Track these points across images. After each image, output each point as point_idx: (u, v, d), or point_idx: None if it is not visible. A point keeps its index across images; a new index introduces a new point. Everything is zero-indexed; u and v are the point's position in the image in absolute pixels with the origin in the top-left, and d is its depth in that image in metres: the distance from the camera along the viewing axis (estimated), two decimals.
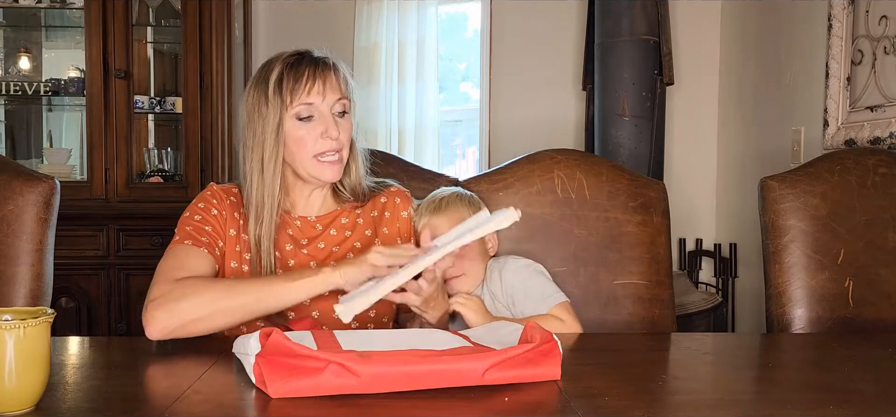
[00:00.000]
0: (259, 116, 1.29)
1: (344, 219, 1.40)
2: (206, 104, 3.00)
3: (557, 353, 0.98)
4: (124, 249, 2.93)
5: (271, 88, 1.27)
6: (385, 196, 1.44)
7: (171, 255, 1.25)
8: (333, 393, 0.88)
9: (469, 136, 3.73)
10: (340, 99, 1.30)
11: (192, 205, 1.35)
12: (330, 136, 1.28)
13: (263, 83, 1.29)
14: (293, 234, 1.36)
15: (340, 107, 1.31)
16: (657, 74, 2.97)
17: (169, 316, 1.14)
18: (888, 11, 2.16)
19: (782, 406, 0.92)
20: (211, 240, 1.29)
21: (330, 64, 1.31)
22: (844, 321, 1.50)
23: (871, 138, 2.17)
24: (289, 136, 1.29)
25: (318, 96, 1.28)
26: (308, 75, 1.28)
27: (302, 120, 1.28)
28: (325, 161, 1.30)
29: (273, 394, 0.87)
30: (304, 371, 0.88)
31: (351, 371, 0.87)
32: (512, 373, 0.93)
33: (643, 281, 1.57)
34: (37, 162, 3.25)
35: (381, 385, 0.89)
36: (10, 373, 0.82)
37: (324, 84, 1.28)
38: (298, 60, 1.29)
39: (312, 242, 1.37)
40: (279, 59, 1.30)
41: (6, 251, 1.37)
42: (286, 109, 1.27)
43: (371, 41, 3.41)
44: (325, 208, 1.40)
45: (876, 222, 1.55)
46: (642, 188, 1.62)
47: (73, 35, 3.23)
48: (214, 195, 1.36)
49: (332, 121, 1.29)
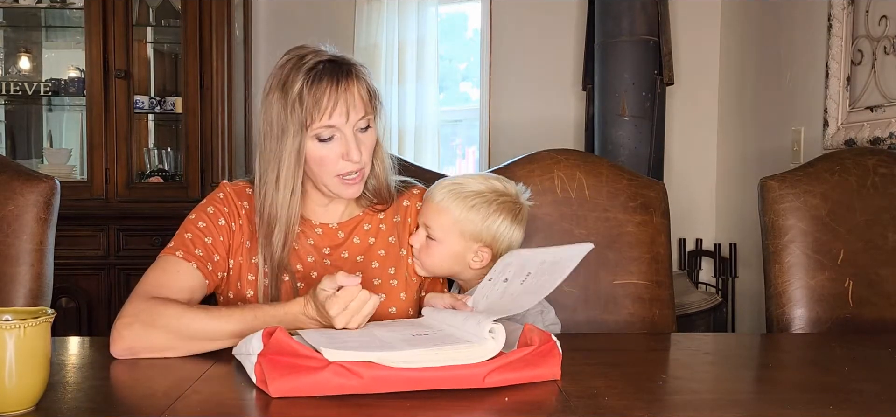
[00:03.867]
0: (279, 129, 1.21)
1: (367, 225, 1.35)
2: (206, 104, 3.00)
3: (557, 353, 0.98)
4: (124, 249, 2.93)
5: (291, 104, 1.19)
6: (407, 199, 1.39)
7: (159, 266, 1.22)
8: (334, 393, 0.88)
9: (469, 136, 3.73)
10: (364, 116, 1.23)
11: (200, 208, 1.29)
12: (351, 160, 1.22)
13: (283, 95, 1.21)
14: (315, 243, 1.31)
15: (364, 124, 1.24)
16: (657, 74, 2.97)
17: (135, 340, 1.10)
18: (888, 11, 2.16)
19: (782, 406, 0.92)
20: (206, 254, 1.24)
21: (353, 76, 1.23)
22: (844, 321, 1.50)
23: (871, 138, 2.17)
24: (309, 156, 1.22)
25: (341, 117, 1.21)
26: (330, 93, 1.20)
27: (322, 140, 1.21)
28: (347, 180, 1.25)
29: (273, 393, 0.87)
30: (305, 369, 0.88)
31: (353, 372, 0.87)
32: (513, 375, 0.93)
33: (643, 281, 1.57)
34: (37, 162, 3.25)
35: (383, 386, 0.89)
36: (10, 373, 0.82)
37: (346, 104, 1.21)
38: (320, 75, 1.20)
39: (335, 251, 1.32)
40: (301, 69, 1.21)
41: (6, 251, 1.37)
42: (306, 130, 1.20)
43: (371, 41, 3.41)
44: (347, 214, 1.34)
45: (876, 222, 1.55)
46: (642, 188, 1.62)
47: (73, 35, 3.23)
48: (226, 200, 1.30)
49: (354, 143, 1.22)
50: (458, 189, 1.32)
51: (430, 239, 1.31)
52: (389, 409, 0.85)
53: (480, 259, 1.32)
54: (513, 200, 1.34)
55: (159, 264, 1.22)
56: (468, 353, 0.93)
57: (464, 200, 1.31)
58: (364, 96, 1.24)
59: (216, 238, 1.26)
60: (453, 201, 1.31)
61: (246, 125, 3.37)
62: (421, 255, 1.33)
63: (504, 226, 1.32)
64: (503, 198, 1.33)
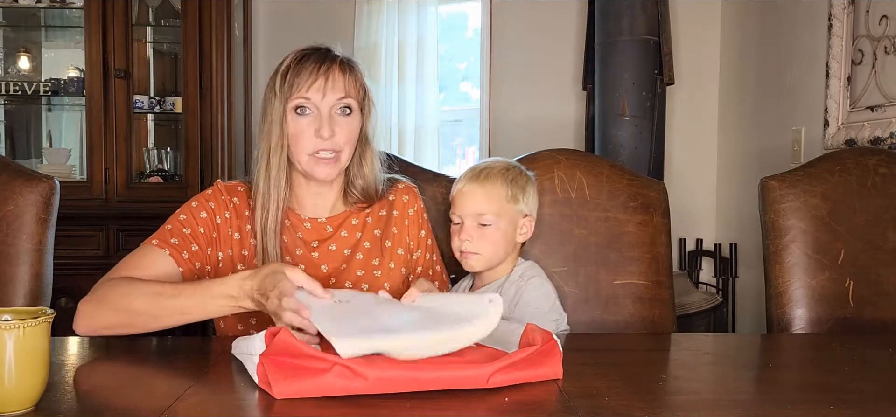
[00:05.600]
0: (269, 105, 1.29)
1: (354, 220, 1.39)
2: (205, 104, 3.00)
3: (558, 353, 0.98)
4: (124, 249, 2.92)
5: (278, 79, 1.28)
6: (393, 193, 1.43)
7: (134, 254, 1.27)
8: (337, 395, 0.88)
9: (469, 136, 3.73)
10: (343, 98, 1.28)
11: (186, 203, 1.35)
12: (321, 135, 1.26)
13: (274, 73, 1.29)
14: (303, 237, 1.35)
15: (343, 106, 1.29)
16: (657, 74, 2.97)
17: (89, 319, 1.17)
18: (888, 11, 2.16)
19: (782, 406, 0.92)
20: (182, 243, 1.28)
21: (338, 62, 1.29)
22: (844, 321, 1.50)
23: (871, 138, 2.17)
24: (288, 129, 1.28)
25: (318, 93, 1.26)
26: (311, 70, 1.26)
27: (298, 114, 1.28)
28: (320, 159, 1.28)
29: (277, 395, 0.87)
30: (309, 371, 0.88)
31: (357, 373, 0.87)
32: (516, 375, 0.93)
33: (643, 281, 1.57)
34: (37, 162, 3.25)
35: (386, 387, 0.89)
36: (10, 373, 0.82)
37: (325, 81, 1.26)
38: (307, 55, 1.29)
39: (323, 244, 1.36)
40: (294, 52, 1.30)
41: (6, 251, 1.37)
42: (287, 101, 1.27)
43: (371, 41, 3.41)
44: (336, 209, 1.39)
45: (876, 222, 1.54)
46: (642, 188, 1.62)
47: (72, 35, 3.23)
48: (214, 196, 1.35)
49: (327, 121, 1.26)
50: (491, 169, 1.40)
51: (483, 225, 1.36)
52: (391, 409, 0.85)
53: (527, 231, 1.41)
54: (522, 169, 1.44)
55: (134, 253, 1.28)
56: (471, 330, 0.95)
57: (504, 176, 1.38)
58: (348, 84, 1.29)
59: (195, 228, 1.30)
60: (497, 180, 1.38)
61: (246, 125, 3.37)
62: (479, 245, 1.36)
63: (531, 187, 1.42)
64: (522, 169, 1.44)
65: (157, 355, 1.14)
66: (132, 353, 1.16)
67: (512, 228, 1.39)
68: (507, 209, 1.37)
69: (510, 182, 1.38)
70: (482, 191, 1.37)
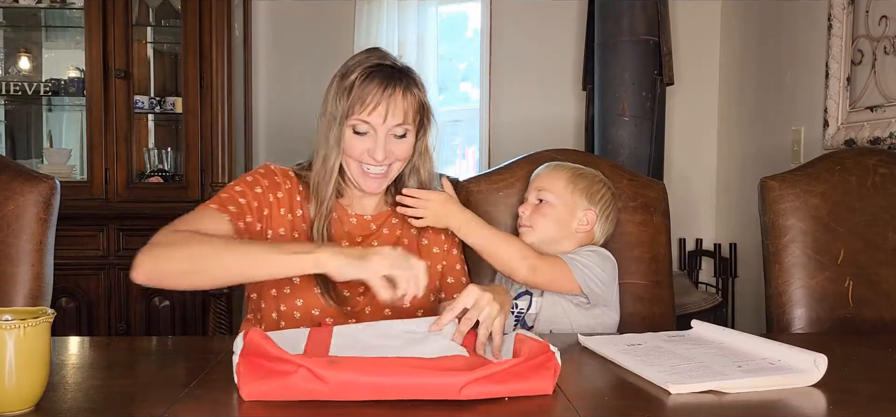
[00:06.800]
0: (330, 105, 1.31)
1: (395, 220, 1.43)
2: (206, 104, 3.00)
3: (552, 366, 0.94)
4: (124, 249, 2.93)
5: (343, 92, 1.30)
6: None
7: (192, 213, 1.26)
8: (302, 398, 0.86)
9: (469, 136, 3.73)
10: (401, 124, 1.31)
11: (241, 177, 1.37)
12: (374, 157, 1.30)
13: (340, 82, 1.31)
14: (349, 231, 1.39)
15: (401, 131, 1.32)
16: (657, 74, 2.97)
17: (153, 263, 1.14)
18: (888, 11, 2.16)
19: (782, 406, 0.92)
20: (239, 210, 1.29)
21: (403, 85, 1.31)
22: (844, 321, 1.50)
23: (871, 138, 2.17)
24: (344, 140, 1.31)
25: (379, 118, 1.29)
26: (375, 93, 1.28)
27: (356, 133, 1.31)
28: (369, 174, 1.33)
29: (245, 396, 0.87)
30: (276, 373, 0.87)
31: (319, 377, 0.86)
32: (493, 388, 0.88)
33: (643, 281, 1.57)
34: (37, 162, 3.25)
35: (349, 392, 0.86)
36: (10, 373, 0.82)
37: (387, 107, 1.28)
38: (373, 72, 1.29)
39: (367, 240, 1.39)
40: (362, 63, 1.31)
41: (6, 251, 1.37)
42: (347, 117, 1.30)
43: (371, 41, 3.41)
44: (379, 208, 1.44)
45: (876, 222, 1.55)
46: (642, 188, 1.62)
47: (73, 35, 3.23)
48: (267, 174, 1.37)
49: (382, 144, 1.30)
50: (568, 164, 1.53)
51: (544, 202, 1.47)
52: (391, 409, 0.85)
53: (587, 221, 1.47)
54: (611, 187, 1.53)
55: (191, 212, 1.26)
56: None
57: (574, 169, 1.50)
58: (409, 107, 1.31)
59: (250, 201, 1.32)
60: (566, 169, 1.50)
61: (246, 125, 3.37)
62: (533, 219, 1.47)
63: (607, 198, 1.50)
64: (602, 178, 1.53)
65: (157, 355, 1.14)
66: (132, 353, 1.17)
67: (568, 214, 1.46)
68: (565, 194, 1.47)
69: (578, 176, 1.49)
70: (548, 171, 1.51)
